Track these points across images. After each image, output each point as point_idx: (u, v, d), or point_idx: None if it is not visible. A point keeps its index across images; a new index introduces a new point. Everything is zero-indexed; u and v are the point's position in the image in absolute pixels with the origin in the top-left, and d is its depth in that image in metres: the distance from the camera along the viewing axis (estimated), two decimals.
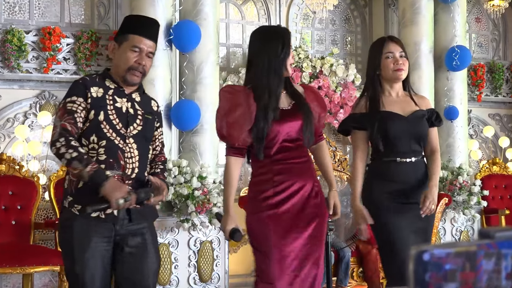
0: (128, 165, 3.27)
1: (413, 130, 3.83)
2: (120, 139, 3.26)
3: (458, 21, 7.61)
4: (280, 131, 3.38)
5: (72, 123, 3.16)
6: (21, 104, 6.90)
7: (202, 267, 6.09)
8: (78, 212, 3.19)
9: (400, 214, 3.75)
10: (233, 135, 3.35)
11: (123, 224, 3.25)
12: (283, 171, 3.39)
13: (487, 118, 9.26)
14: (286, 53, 3.40)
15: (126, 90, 3.36)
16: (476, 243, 1.16)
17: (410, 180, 3.81)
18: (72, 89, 3.26)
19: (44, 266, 5.50)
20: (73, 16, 7.20)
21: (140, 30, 3.32)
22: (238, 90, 3.42)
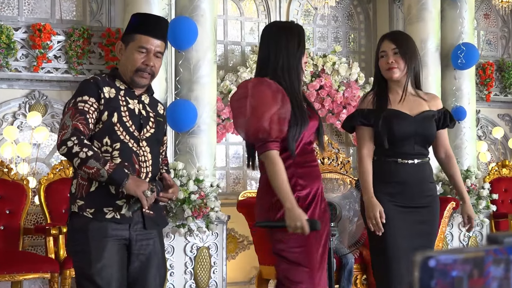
0: (142, 169, 3.28)
1: (420, 131, 3.81)
2: (134, 142, 3.27)
3: (465, 17, 7.62)
4: (304, 132, 3.36)
5: (84, 124, 3.15)
6: (9, 104, 6.90)
7: (198, 274, 6.09)
8: (91, 215, 3.18)
9: (399, 218, 3.75)
10: (276, 128, 3.22)
11: (136, 228, 3.27)
12: (305, 174, 3.37)
13: (496, 119, 9.26)
14: (301, 52, 3.40)
15: (136, 92, 3.37)
16: (484, 248, 1.16)
17: (411, 182, 3.80)
18: (83, 88, 3.25)
19: (34, 273, 5.50)
20: (64, 12, 7.20)
21: (147, 29, 3.32)
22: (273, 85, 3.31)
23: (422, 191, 3.81)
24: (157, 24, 3.39)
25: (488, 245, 1.19)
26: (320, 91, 7.83)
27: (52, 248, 5.61)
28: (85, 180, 3.20)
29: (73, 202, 3.23)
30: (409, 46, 3.87)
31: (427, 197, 3.85)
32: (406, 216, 3.77)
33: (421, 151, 3.84)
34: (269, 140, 3.22)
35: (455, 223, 7.50)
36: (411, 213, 3.78)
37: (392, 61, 3.81)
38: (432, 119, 3.87)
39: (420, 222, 3.79)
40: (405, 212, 3.78)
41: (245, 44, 8.12)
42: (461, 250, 1.16)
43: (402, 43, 3.84)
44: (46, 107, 6.97)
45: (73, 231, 3.26)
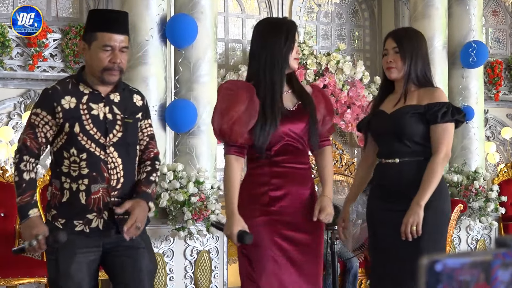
0: (112, 176, 3.30)
1: (393, 127, 3.68)
2: (101, 150, 3.29)
3: (473, 14, 7.62)
4: (282, 132, 3.37)
5: (31, 138, 3.27)
6: (4, 104, 6.91)
7: (199, 279, 6.09)
8: (61, 226, 3.27)
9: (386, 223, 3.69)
10: (237, 131, 3.32)
11: (111, 235, 3.30)
12: (282, 174, 3.40)
13: (505, 119, 9.26)
14: (289, 47, 3.40)
15: (103, 93, 3.35)
16: (492, 252, 1.16)
17: (395, 183, 3.68)
18: (40, 99, 3.34)
19: (29, 277, 5.50)
20: (61, 9, 7.21)
21: (108, 26, 3.32)
22: (240, 86, 3.42)
23: (405, 194, 3.63)
24: (117, 19, 3.39)
25: (497, 249, 1.19)
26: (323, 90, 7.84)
27: None
28: (57, 190, 3.29)
29: (48, 210, 3.34)
30: (412, 44, 3.77)
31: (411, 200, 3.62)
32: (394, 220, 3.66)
33: (402, 150, 3.67)
34: (230, 143, 3.35)
35: (463, 226, 7.50)
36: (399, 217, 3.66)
37: (391, 61, 3.75)
38: (408, 114, 3.67)
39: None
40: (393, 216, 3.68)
41: (246, 42, 8.13)
42: (468, 254, 1.16)
43: (403, 42, 3.76)
44: None
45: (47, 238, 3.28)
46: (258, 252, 3.38)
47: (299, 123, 3.42)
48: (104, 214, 3.27)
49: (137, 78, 5.80)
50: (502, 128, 9.06)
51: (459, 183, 7.35)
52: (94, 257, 3.29)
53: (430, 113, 3.63)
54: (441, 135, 3.63)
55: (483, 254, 1.17)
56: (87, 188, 3.26)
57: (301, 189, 3.44)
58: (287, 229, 3.39)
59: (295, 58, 3.44)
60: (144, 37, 5.90)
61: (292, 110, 3.45)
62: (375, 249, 3.83)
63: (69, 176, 3.26)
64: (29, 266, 5.56)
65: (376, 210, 3.77)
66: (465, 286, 1.14)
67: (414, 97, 3.73)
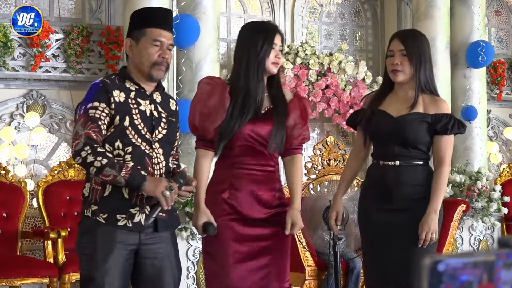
0: (155, 171, 3.32)
1: (398, 133, 3.74)
2: (146, 145, 3.31)
3: (476, 14, 7.62)
4: (245, 133, 3.44)
5: (96, 132, 3.20)
6: (6, 105, 6.91)
7: (201, 279, 6.09)
8: (104, 220, 3.24)
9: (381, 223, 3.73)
10: (205, 126, 3.44)
11: (147, 233, 3.30)
12: (241, 175, 3.47)
13: (507, 119, 9.25)
14: (265, 51, 3.44)
15: (148, 91, 3.39)
16: (495, 252, 1.16)
17: (391, 184, 3.73)
18: (92, 93, 3.29)
19: (32, 278, 5.51)
20: (63, 10, 7.22)
21: (157, 22, 3.36)
22: (216, 82, 3.53)
23: (403, 194, 3.71)
24: (166, 16, 3.45)
25: (499, 249, 1.19)
26: (326, 90, 7.83)
27: (50, 252, 5.62)
28: (98, 184, 3.25)
29: (87, 207, 3.28)
30: (419, 47, 3.78)
31: (410, 200, 3.73)
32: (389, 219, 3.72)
33: (404, 154, 3.74)
34: (199, 138, 3.52)
35: (465, 226, 7.50)
36: (395, 217, 3.71)
37: (398, 63, 3.75)
38: (416, 122, 3.74)
39: (402, 224, 3.72)
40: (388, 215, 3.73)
41: None
42: (471, 254, 1.17)
43: (412, 45, 3.76)
44: (44, 107, 6.98)
45: (82, 233, 3.31)
46: (221, 249, 3.45)
47: (265, 126, 3.47)
48: (146, 209, 3.26)
49: None
50: (505, 128, 9.05)
51: (461, 183, 7.35)
52: (129, 255, 3.28)
53: (440, 125, 3.73)
54: (447, 146, 3.79)
55: (486, 254, 1.17)
56: None
57: (261, 189, 3.49)
58: (246, 226, 3.46)
59: (273, 63, 3.49)
60: None
61: (261, 113, 3.50)
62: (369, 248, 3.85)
63: None
64: (32, 267, 5.56)
65: (372, 210, 3.79)
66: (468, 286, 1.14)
67: (420, 104, 3.79)
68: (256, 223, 3.48)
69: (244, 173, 3.47)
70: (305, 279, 5.61)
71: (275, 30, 3.53)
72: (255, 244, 3.47)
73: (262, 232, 3.49)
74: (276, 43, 3.48)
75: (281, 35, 3.56)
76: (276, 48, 3.49)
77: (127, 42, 3.39)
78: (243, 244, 3.45)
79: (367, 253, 3.91)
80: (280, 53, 3.53)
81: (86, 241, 3.28)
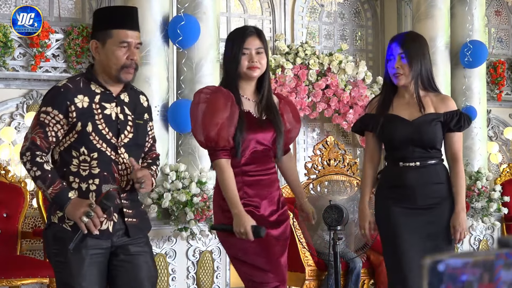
0: (122, 177, 3.27)
1: (416, 136, 3.83)
2: (112, 150, 3.24)
3: (476, 14, 7.61)
4: (251, 140, 3.48)
5: (42, 137, 3.16)
6: (7, 105, 6.91)
7: (201, 279, 6.09)
8: (70, 228, 3.19)
9: (405, 222, 3.80)
10: (223, 136, 3.42)
11: (119, 235, 3.27)
12: (253, 183, 3.51)
13: (507, 119, 9.25)
14: (234, 56, 3.47)
15: (114, 92, 3.31)
16: (495, 252, 1.17)
17: (414, 184, 3.83)
18: (50, 97, 3.23)
19: (32, 278, 5.51)
20: (63, 10, 7.22)
21: (122, 22, 3.27)
22: (222, 92, 3.49)
23: (426, 193, 3.83)
24: (130, 15, 3.34)
25: (499, 249, 1.20)
26: (326, 90, 7.83)
27: None
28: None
29: (52, 213, 3.23)
30: (417, 50, 3.85)
31: (433, 199, 3.86)
32: (413, 218, 3.81)
33: (423, 154, 3.86)
34: (217, 148, 3.43)
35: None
36: (419, 215, 3.82)
37: (398, 67, 3.81)
38: (432, 123, 3.85)
39: (427, 223, 3.84)
40: (412, 214, 3.82)
41: None
42: (471, 254, 1.17)
43: (409, 48, 3.82)
44: None
45: (53, 240, 3.25)
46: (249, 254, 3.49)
47: (267, 133, 3.53)
48: (114, 216, 3.23)
49: (140, 78, 5.79)
50: (505, 128, 9.05)
51: None
52: (103, 258, 3.24)
53: (453, 123, 3.86)
54: (459, 143, 3.95)
55: (486, 254, 1.17)
56: (97, 188, 3.21)
57: (271, 192, 3.56)
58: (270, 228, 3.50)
59: (249, 67, 3.48)
60: (146, 38, 5.90)
61: (262, 119, 3.55)
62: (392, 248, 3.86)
63: (78, 176, 3.20)
64: (32, 267, 5.56)
65: (395, 210, 3.86)
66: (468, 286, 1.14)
67: (429, 104, 3.90)
68: (274, 225, 3.55)
69: (254, 180, 3.51)
70: (305, 279, 5.61)
71: (243, 34, 3.51)
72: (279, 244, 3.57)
73: (279, 231, 3.57)
74: (248, 47, 3.48)
75: (259, 36, 3.53)
76: (250, 53, 3.48)
77: (92, 43, 3.28)
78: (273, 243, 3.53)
79: (389, 253, 3.93)
80: (261, 54, 3.50)
81: (57, 247, 3.22)
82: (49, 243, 3.28)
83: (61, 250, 3.19)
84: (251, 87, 3.56)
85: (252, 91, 3.57)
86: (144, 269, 3.32)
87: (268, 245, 3.48)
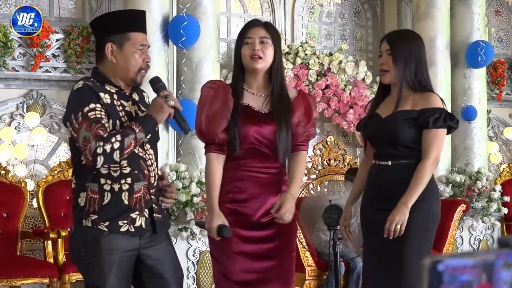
0: (151, 173, 3.29)
1: (387, 132, 3.71)
2: (139, 147, 3.25)
3: (476, 14, 7.62)
4: (248, 134, 3.41)
5: (103, 129, 3.10)
6: (7, 105, 6.91)
7: (201, 279, 6.09)
8: (106, 229, 3.18)
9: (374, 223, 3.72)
10: (213, 130, 3.41)
11: (145, 237, 3.28)
12: (246, 178, 3.44)
13: (507, 119, 9.25)
14: (238, 47, 3.46)
15: (126, 92, 3.33)
16: (495, 252, 1.16)
17: (386, 184, 3.71)
18: (83, 97, 3.17)
19: (32, 278, 5.51)
20: (63, 10, 7.22)
21: (139, 25, 3.33)
22: (218, 85, 3.50)
23: (399, 194, 3.64)
24: (144, 18, 3.41)
25: (499, 249, 1.19)
26: (326, 90, 7.83)
27: (50, 252, 5.62)
28: (96, 193, 3.18)
29: (85, 217, 3.19)
30: (405, 47, 3.73)
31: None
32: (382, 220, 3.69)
33: (395, 153, 3.71)
34: (208, 142, 3.46)
35: (465, 226, 7.50)
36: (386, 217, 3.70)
37: (383, 63, 3.76)
38: (401, 119, 3.68)
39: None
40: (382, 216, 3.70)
41: None
42: (471, 254, 1.17)
43: (395, 45, 3.73)
44: (44, 107, 6.98)
45: (83, 243, 3.23)
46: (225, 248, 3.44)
47: (268, 127, 3.43)
48: (145, 212, 3.25)
49: None
50: (505, 128, 9.05)
51: (461, 183, 7.35)
52: (132, 261, 3.26)
53: (422, 118, 3.65)
54: (431, 140, 3.65)
55: (486, 254, 1.17)
56: (130, 187, 3.20)
57: (266, 193, 3.46)
58: (250, 229, 3.44)
59: (251, 57, 3.42)
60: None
61: (263, 113, 3.47)
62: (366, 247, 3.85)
63: (110, 177, 3.18)
64: (32, 267, 5.56)
65: (367, 209, 3.81)
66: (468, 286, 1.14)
67: (409, 102, 3.74)
68: (260, 226, 3.45)
69: (249, 176, 3.44)
70: (305, 279, 5.61)
71: (248, 25, 3.50)
72: (259, 246, 3.45)
73: (267, 233, 3.46)
74: (251, 36, 3.43)
75: (265, 27, 3.48)
76: (253, 41, 3.42)
77: (108, 46, 3.26)
78: (248, 244, 3.44)
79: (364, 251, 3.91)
80: (266, 44, 3.42)
81: (88, 250, 3.21)
82: (78, 246, 3.26)
83: (91, 252, 3.20)
84: (257, 81, 3.49)
85: (259, 85, 3.50)
86: (170, 273, 3.34)
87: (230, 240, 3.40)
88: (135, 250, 3.26)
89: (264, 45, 3.42)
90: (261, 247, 3.45)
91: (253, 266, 3.44)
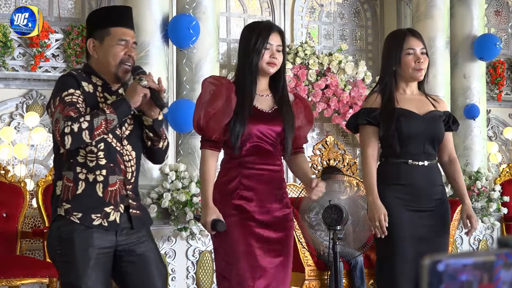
0: (127, 169, 3.29)
1: (429, 130, 3.79)
2: (117, 141, 3.26)
3: (476, 14, 7.62)
4: (253, 133, 3.45)
5: (75, 111, 3.12)
6: (6, 105, 6.91)
7: (201, 279, 6.09)
8: (78, 220, 3.18)
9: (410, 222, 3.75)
10: (212, 127, 3.44)
11: (123, 234, 3.27)
12: (250, 175, 3.47)
13: (507, 119, 9.26)
14: (256, 51, 3.45)
15: (113, 87, 3.34)
16: (494, 252, 1.17)
17: (422, 185, 3.78)
18: (63, 83, 3.22)
19: (31, 278, 5.50)
20: (63, 9, 7.22)
21: (120, 21, 3.34)
22: (222, 83, 3.51)
23: (431, 194, 3.79)
24: (127, 14, 3.42)
25: (499, 249, 1.20)
26: (325, 90, 7.83)
27: None
28: (70, 181, 3.19)
29: (59, 205, 3.21)
30: (383, 49, 3.98)
31: (434, 201, 3.84)
32: (417, 220, 3.76)
33: (430, 152, 3.82)
34: (205, 138, 3.50)
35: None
36: (422, 218, 3.78)
37: (422, 61, 3.83)
38: (440, 120, 3.86)
39: (426, 227, 3.78)
40: (416, 216, 3.77)
41: None
42: (470, 254, 1.17)
43: (424, 43, 3.90)
44: (44, 107, 6.98)
45: (58, 241, 3.23)
46: (231, 249, 3.45)
47: (272, 126, 3.49)
48: (121, 207, 3.24)
49: None
50: (505, 128, 9.05)
51: None
52: (108, 258, 3.24)
53: (452, 121, 3.91)
54: (452, 141, 4.00)
55: (486, 254, 1.17)
56: (105, 179, 3.21)
57: (271, 189, 3.51)
58: (259, 227, 3.46)
59: (268, 63, 3.48)
60: (146, 38, 5.91)
61: (267, 112, 3.52)
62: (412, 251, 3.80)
63: (85, 167, 3.19)
64: (31, 267, 5.56)
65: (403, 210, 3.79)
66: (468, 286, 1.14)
67: (430, 102, 3.92)
68: (265, 225, 3.48)
69: (253, 173, 3.47)
70: (305, 279, 5.61)
71: (270, 29, 3.51)
72: (265, 246, 3.47)
73: (270, 235, 3.49)
74: (271, 43, 3.47)
75: (280, 34, 3.54)
76: (272, 48, 3.47)
77: (90, 42, 3.33)
78: (255, 241, 3.45)
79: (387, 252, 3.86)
80: (280, 53, 3.50)
81: (63, 248, 3.21)
82: (54, 244, 3.27)
83: (67, 250, 3.19)
84: (263, 83, 3.55)
85: (264, 86, 3.56)
86: (154, 268, 3.33)
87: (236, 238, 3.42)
88: (111, 247, 3.24)
89: (279, 53, 3.51)
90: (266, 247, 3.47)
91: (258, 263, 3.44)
